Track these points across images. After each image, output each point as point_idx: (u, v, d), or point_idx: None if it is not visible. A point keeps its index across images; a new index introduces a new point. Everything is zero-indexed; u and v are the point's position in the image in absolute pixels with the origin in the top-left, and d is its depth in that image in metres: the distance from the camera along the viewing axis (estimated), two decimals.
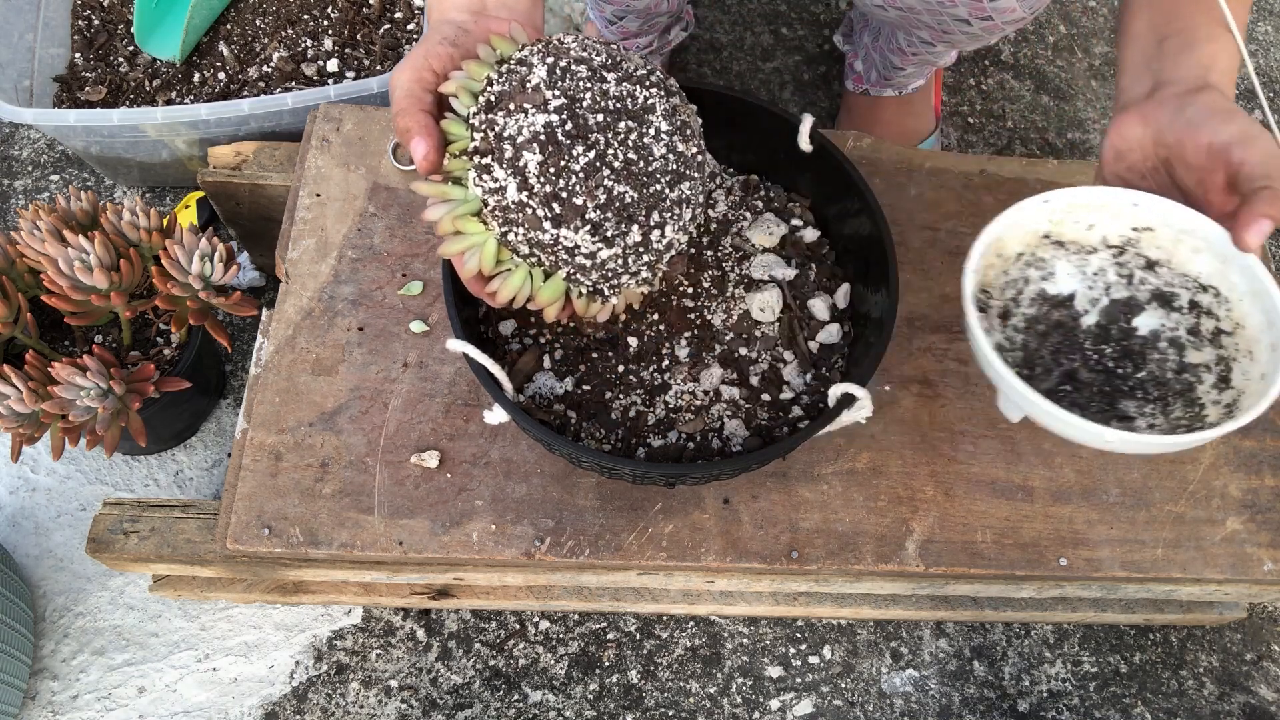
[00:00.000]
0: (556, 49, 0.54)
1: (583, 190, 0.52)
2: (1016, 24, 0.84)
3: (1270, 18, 1.43)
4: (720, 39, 1.32)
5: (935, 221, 0.86)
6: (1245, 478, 0.79)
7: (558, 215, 0.53)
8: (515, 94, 0.53)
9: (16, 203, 1.13)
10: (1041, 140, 1.28)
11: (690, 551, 0.72)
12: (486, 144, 0.53)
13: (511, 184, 0.52)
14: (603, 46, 0.56)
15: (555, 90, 0.52)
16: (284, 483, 0.72)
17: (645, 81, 0.55)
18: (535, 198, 0.52)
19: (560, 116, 0.52)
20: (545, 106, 0.52)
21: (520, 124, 0.52)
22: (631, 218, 0.54)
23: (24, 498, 0.96)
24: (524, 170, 0.52)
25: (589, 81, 0.53)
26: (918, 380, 0.79)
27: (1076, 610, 0.91)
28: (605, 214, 0.53)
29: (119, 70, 1.11)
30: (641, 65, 0.56)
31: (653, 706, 0.91)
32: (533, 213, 0.53)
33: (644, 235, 0.55)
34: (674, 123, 0.55)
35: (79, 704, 0.87)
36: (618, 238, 0.54)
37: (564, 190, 0.52)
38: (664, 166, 0.54)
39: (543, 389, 0.69)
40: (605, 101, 0.53)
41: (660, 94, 0.55)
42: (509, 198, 0.53)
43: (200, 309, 0.80)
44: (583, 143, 0.52)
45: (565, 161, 0.52)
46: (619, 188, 0.53)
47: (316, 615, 0.92)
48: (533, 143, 0.52)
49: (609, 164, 0.53)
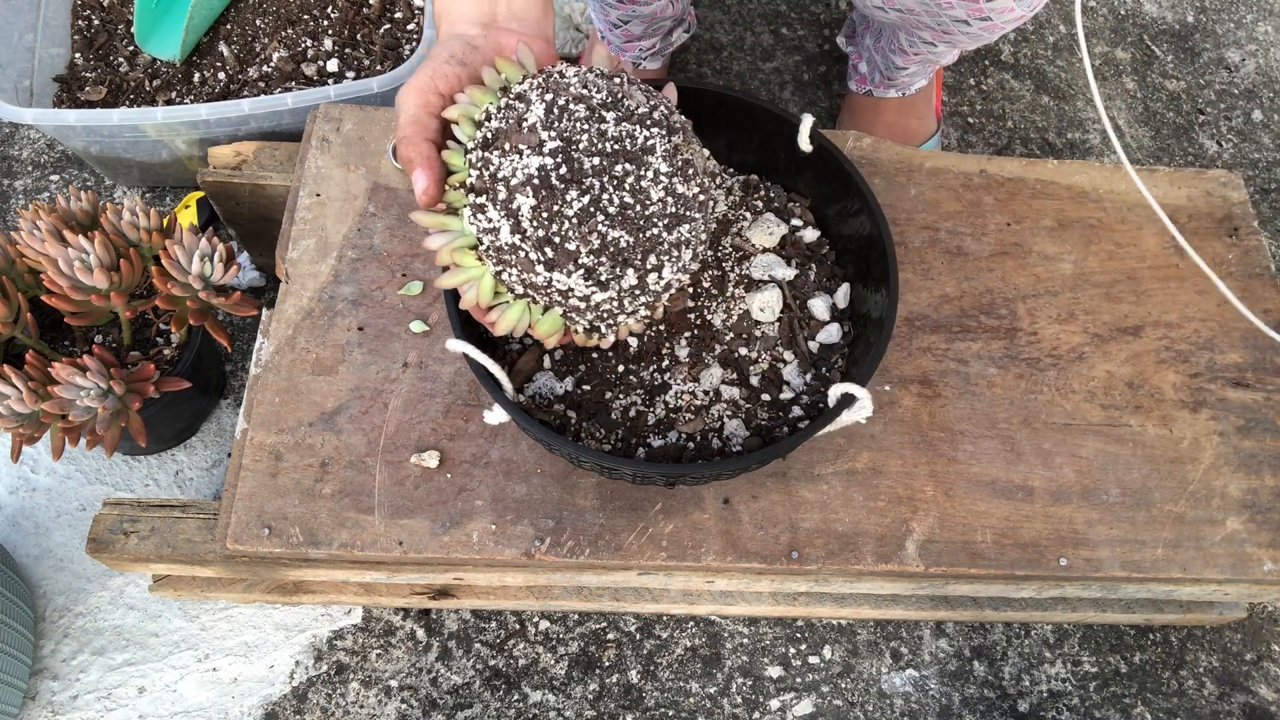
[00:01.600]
0: (556, 84, 0.53)
1: (576, 236, 0.51)
2: (1015, 22, 0.84)
3: (1270, 18, 1.43)
4: (720, 39, 1.32)
5: (935, 221, 0.86)
6: (1245, 478, 0.79)
7: (550, 260, 0.52)
8: (511, 133, 0.52)
9: (16, 203, 1.13)
10: (1041, 140, 1.28)
11: (690, 551, 0.72)
12: (481, 183, 0.52)
13: (505, 226, 0.52)
14: (605, 82, 0.54)
15: (551, 131, 0.51)
16: (284, 483, 0.72)
17: (646, 120, 0.54)
18: (528, 241, 0.52)
19: (555, 160, 0.51)
20: (540, 149, 0.51)
21: (515, 165, 0.51)
22: (626, 262, 0.53)
23: (24, 498, 0.96)
24: (517, 213, 0.51)
25: (586, 122, 0.52)
26: (918, 380, 0.79)
27: (1076, 610, 0.91)
28: (599, 259, 0.52)
29: (119, 70, 1.11)
30: (644, 102, 0.55)
31: (653, 706, 0.91)
32: (525, 255, 0.52)
33: (639, 279, 0.54)
34: (674, 164, 0.54)
35: (79, 704, 0.87)
36: (612, 281, 0.53)
37: (557, 235, 0.51)
38: (662, 210, 0.53)
39: (543, 389, 0.69)
40: (602, 143, 0.52)
41: (662, 133, 0.54)
42: (502, 239, 0.52)
43: (200, 309, 0.80)
44: (577, 187, 0.51)
45: (559, 206, 0.51)
46: (613, 233, 0.52)
47: (316, 615, 0.92)
48: (526, 186, 0.51)
49: (603, 209, 0.52)
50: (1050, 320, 0.83)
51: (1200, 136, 1.32)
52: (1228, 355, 0.83)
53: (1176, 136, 1.31)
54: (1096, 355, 0.82)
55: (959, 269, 0.84)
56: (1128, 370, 0.82)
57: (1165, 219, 0.74)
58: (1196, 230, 0.89)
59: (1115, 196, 0.90)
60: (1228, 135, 1.32)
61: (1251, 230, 0.89)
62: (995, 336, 0.82)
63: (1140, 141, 1.30)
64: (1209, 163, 1.30)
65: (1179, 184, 0.91)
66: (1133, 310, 0.84)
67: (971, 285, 0.84)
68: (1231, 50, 1.40)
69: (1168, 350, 0.83)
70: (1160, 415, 0.80)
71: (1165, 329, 0.84)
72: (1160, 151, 1.30)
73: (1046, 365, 0.81)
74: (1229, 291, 0.74)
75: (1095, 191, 0.90)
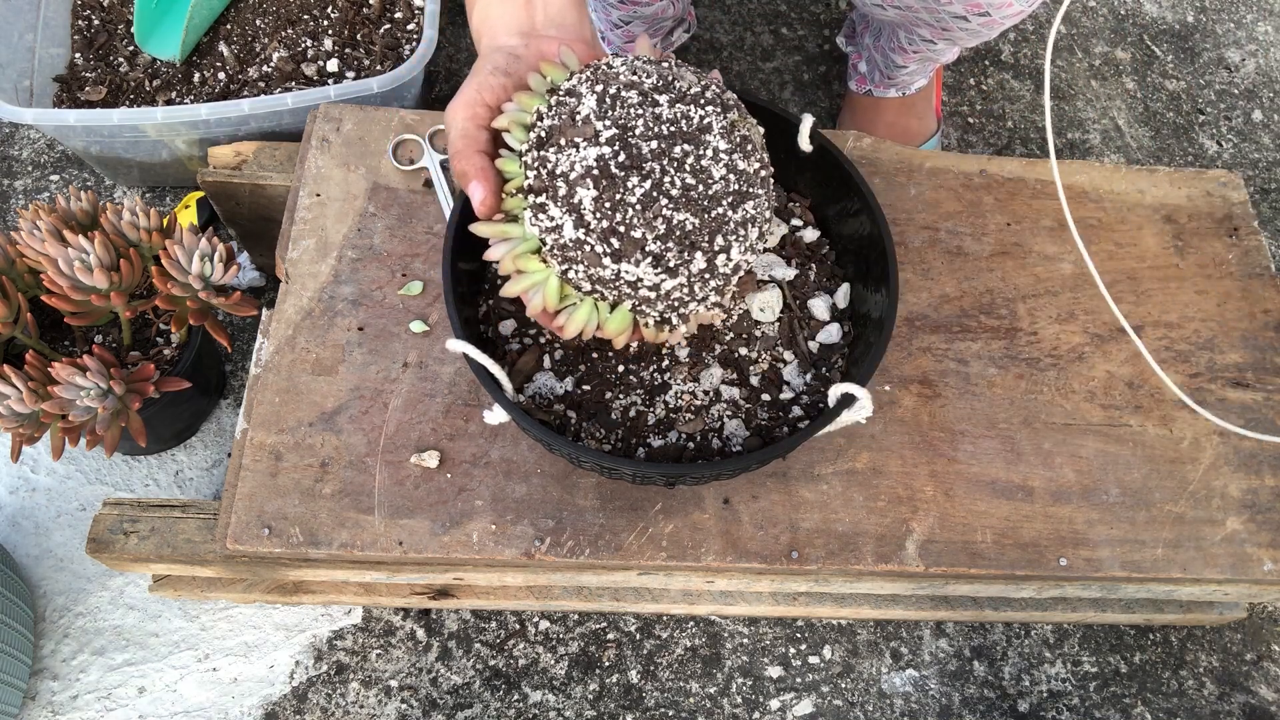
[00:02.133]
0: (605, 75, 0.52)
1: (641, 222, 0.50)
2: (1015, 18, 0.84)
3: (1270, 18, 1.43)
4: (720, 39, 1.32)
5: (935, 221, 0.86)
6: (1245, 478, 0.78)
7: (617, 250, 0.51)
8: (565, 128, 0.51)
9: (16, 203, 1.13)
10: (1041, 140, 1.28)
11: (690, 551, 0.72)
12: (540, 182, 0.51)
13: (567, 222, 0.51)
14: (653, 67, 0.53)
15: (606, 120, 0.50)
16: (284, 483, 0.72)
17: (700, 100, 0.53)
18: (593, 234, 0.51)
19: (613, 148, 0.50)
20: (596, 139, 0.50)
21: (572, 159, 0.50)
22: (694, 245, 0.52)
23: (24, 498, 0.96)
24: (579, 207, 0.50)
25: (640, 107, 0.51)
26: (918, 380, 0.79)
27: (1076, 610, 0.91)
28: (666, 244, 0.51)
29: (119, 70, 1.11)
30: (695, 82, 0.54)
31: (653, 706, 0.91)
32: (591, 249, 0.51)
33: (709, 261, 0.53)
34: (733, 140, 0.53)
35: (79, 704, 0.87)
36: (681, 266, 0.52)
37: (621, 224, 0.50)
38: (725, 188, 0.52)
39: (543, 389, 0.69)
40: (659, 126, 0.51)
41: (717, 110, 0.53)
42: (566, 236, 0.51)
43: (200, 309, 0.80)
44: (637, 173, 0.50)
45: (621, 194, 0.50)
46: (679, 216, 0.51)
47: (316, 615, 0.92)
48: (586, 178, 0.50)
49: (666, 192, 0.50)
50: (1050, 320, 0.83)
51: (1200, 136, 1.32)
52: (1228, 355, 0.83)
53: (1176, 136, 1.31)
54: (1096, 355, 0.82)
55: (959, 269, 0.84)
56: (1128, 370, 0.82)
57: (1073, 227, 0.74)
58: (1196, 230, 0.89)
59: (1115, 196, 0.90)
60: (1228, 135, 1.32)
61: (1251, 230, 0.89)
62: (995, 336, 0.82)
63: (1140, 141, 1.30)
64: (1209, 163, 1.30)
65: (1179, 184, 0.91)
66: (1133, 310, 0.84)
67: (971, 285, 0.84)
68: (1231, 50, 1.40)
69: (1168, 350, 0.83)
70: (1160, 415, 0.80)
71: (1165, 329, 0.84)
72: (1160, 151, 1.30)
73: (1046, 365, 0.81)
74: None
75: (1095, 191, 0.90)
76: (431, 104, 1.22)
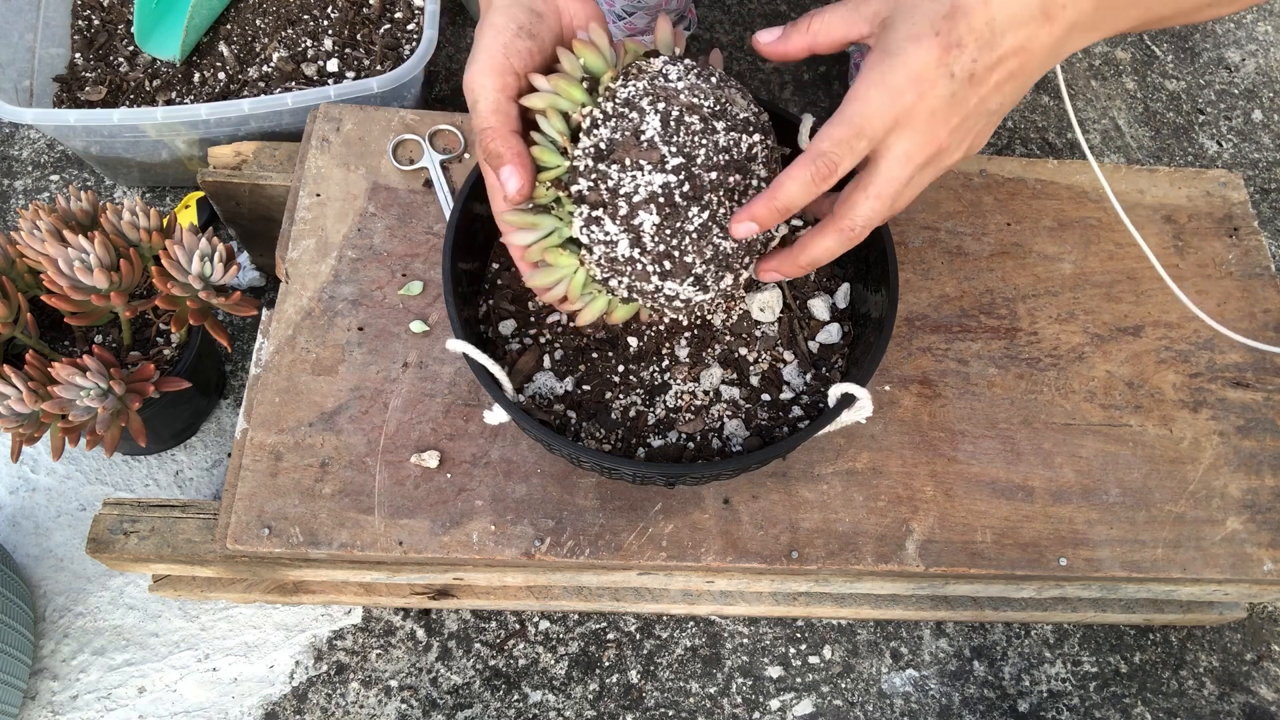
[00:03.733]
0: (665, 91, 0.52)
1: (694, 250, 0.52)
2: None
3: (1270, 18, 1.43)
4: (720, 39, 1.32)
5: (935, 221, 0.86)
6: (1245, 478, 0.79)
7: (667, 271, 0.52)
8: (629, 146, 0.50)
9: (16, 203, 1.13)
10: (1041, 140, 1.28)
11: (690, 551, 0.72)
12: (597, 195, 0.51)
13: (624, 240, 0.51)
14: (708, 86, 0.53)
15: (671, 147, 0.50)
16: (284, 483, 0.72)
17: (750, 127, 0.53)
18: (647, 255, 0.52)
19: (678, 177, 0.50)
20: (663, 165, 0.50)
21: (637, 182, 0.50)
22: (730, 268, 0.55)
23: (24, 498, 0.96)
24: (638, 229, 0.51)
25: (702, 135, 0.51)
26: (918, 380, 0.79)
27: (1076, 610, 0.92)
28: (709, 267, 0.53)
29: (119, 70, 1.11)
30: (746, 106, 0.54)
31: (653, 706, 0.91)
32: (642, 268, 0.52)
33: (735, 278, 0.56)
34: (771, 169, 0.55)
35: (79, 704, 0.87)
36: (713, 284, 0.55)
37: (676, 249, 0.52)
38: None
39: (543, 389, 0.69)
40: (717, 156, 0.51)
41: (761, 138, 0.54)
42: (619, 252, 0.52)
43: (200, 309, 0.80)
44: (698, 204, 0.51)
45: (681, 223, 0.51)
46: (725, 244, 0.53)
47: (316, 615, 0.92)
48: (650, 203, 0.50)
49: (718, 222, 0.52)
50: (1050, 320, 0.83)
51: (1200, 136, 1.32)
52: (1228, 355, 0.83)
53: (1176, 136, 1.31)
54: (1096, 355, 0.82)
55: (959, 269, 0.84)
56: (1128, 370, 0.82)
57: (1130, 225, 0.74)
58: (1196, 230, 0.89)
59: (1115, 197, 0.90)
60: (1228, 135, 1.32)
61: (1251, 230, 0.89)
62: (995, 336, 0.82)
63: (1140, 141, 1.30)
64: (1209, 163, 1.30)
65: (1179, 184, 0.91)
66: (1133, 310, 0.84)
67: (971, 285, 0.84)
68: (1231, 50, 1.40)
69: (1168, 350, 0.83)
70: (1160, 415, 0.80)
71: (1165, 329, 0.84)
72: (1160, 151, 1.30)
73: (1046, 365, 0.81)
74: (1190, 302, 0.74)
75: (1095, 191, 0.90)
76: (431, 104, 1.22)
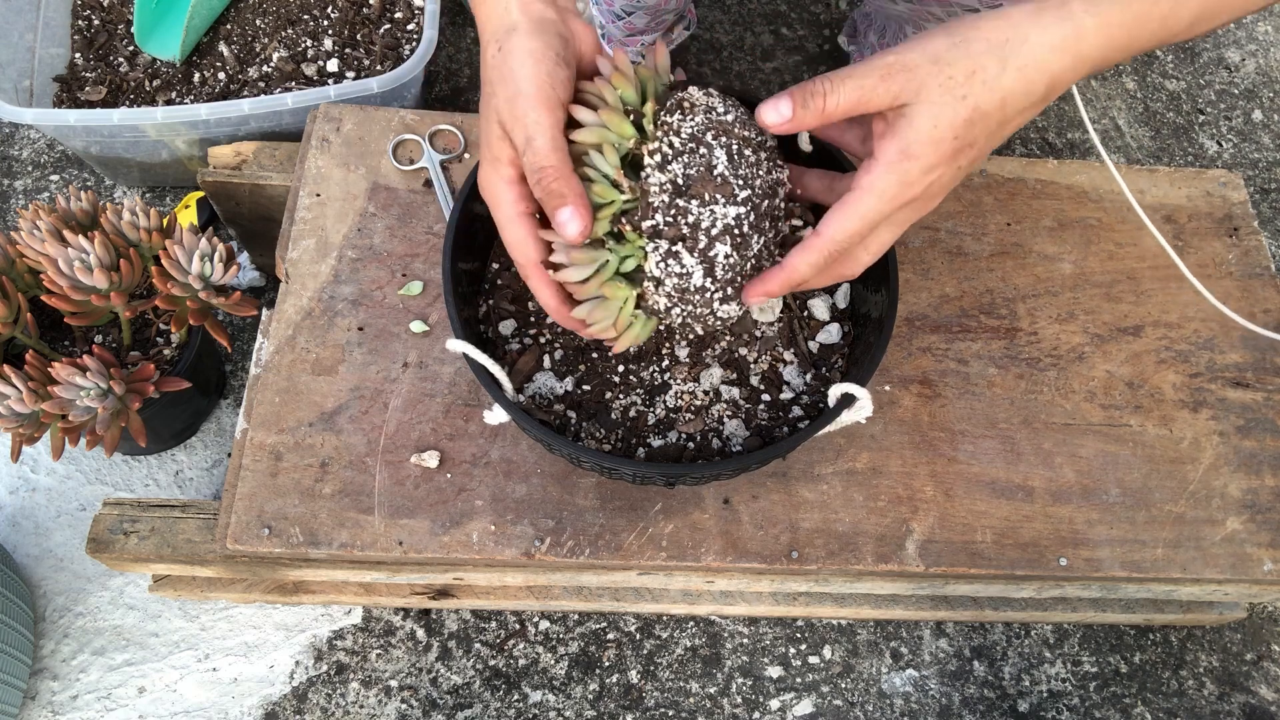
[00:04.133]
0: (721, 125, 0.54)
1: (752, 274, 0.55)
2: None
3: (1270, 18, 1.43)
4: (720, 39, 1.32)
5: (935, 221, 0.86)
6: (1245, 478, 0.79)
7: (728, 296, 0.55)
8: (704, 182, 0.53)
9: (16, 203, 1.13)
10: (1041, 140, 1.28)
11: (690, 551, 0.72)
12: (676, 231, 0.53)
13: (698, 270, 0.53)
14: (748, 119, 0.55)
15: (739, 180, 0.53)
16: (284, 483, 0.72)
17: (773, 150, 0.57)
18: (717, 283, 0.54)
19: (747, 208, 0.53)
20: (734, 198, 0.53)
21: (714, 215, 0.53)
22: None
23: (24, 498, 0.96)
24: (713, 259, 0.53)
25: (756, 167, 0.54)
26: (918, 380, 0.79)
27: (1076, 610, 0.92)
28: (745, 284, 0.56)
29: (119, 70, 1.11)
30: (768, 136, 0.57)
31: (653, 706, 0.91)
32: (710, 295, 0.54)
33: None
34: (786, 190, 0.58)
35: (79, 704, 0.87)
36: None
37: (740, 276, 0.54)
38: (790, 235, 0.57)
39: (543, 389, 0.69)
40: (765, 184, 0.55)
41: (778, 164, 0.57)
42: (692, 283, 0.54)
43: (200, 309, 0.80)
44: (758, 232, 0.54)
45: (748, 250, 0.54)
46: (768, 265, 0.56)
47: (316, 615, 0.92)
48: (725, 235, 0.53)
49: (767, 246, 0.56)
50: (1050, 320, 0.83)
51: (1200, 136, 1.32)
52: (1228, 355, 0.83)
53: (1176, 136, 1.31)
54: (1096, 355, 0.82)
55: (959, 269, 0.84)
56: (1128, 370, 0.82)
57: (1149, 223, 0.74)
58: (1196, 230, 0.89)
59: (1115, 196, 0.90)
60: (1228, 135, 1.32)
61: (1251, 230, 0.89)
62: (995, 336, 0.82)
63: (1140, 141, 1.30)
64: (1209, 163, 1.30)
65: (1179, 184, 0.91)
66: (1133, 310, 0.84)
67: (971, 285, 0.84)
68: (1231, 50, 1.40)
69: (1168, 350, 0.83)
70: (1160, 415, 0.80)
71: (1165, 329, 0.84)
72: (1160, 151, 1.30)
73: (1046, 365, 0.81)
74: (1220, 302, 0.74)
75: (1095, 191, 0.90)
76: (431, 104, 1.22)
